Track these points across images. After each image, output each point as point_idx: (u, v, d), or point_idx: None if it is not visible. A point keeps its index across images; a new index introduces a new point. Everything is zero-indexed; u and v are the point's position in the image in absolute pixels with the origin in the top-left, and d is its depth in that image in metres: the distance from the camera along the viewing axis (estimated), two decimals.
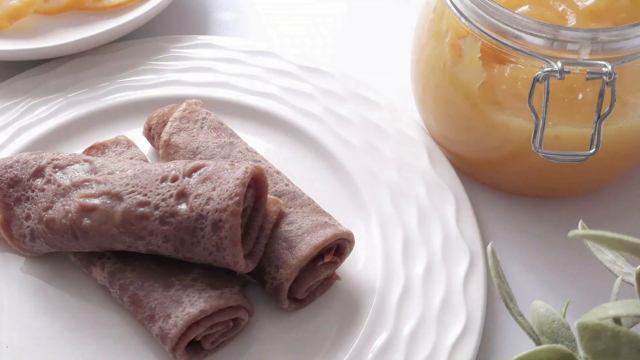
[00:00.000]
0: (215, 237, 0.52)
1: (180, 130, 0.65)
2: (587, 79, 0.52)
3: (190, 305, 0.53)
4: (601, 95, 0.51)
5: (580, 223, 0.49)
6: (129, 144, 0.66)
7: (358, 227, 0.63)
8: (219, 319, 0.53)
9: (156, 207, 0.54)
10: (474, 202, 0.65)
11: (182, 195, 0.54)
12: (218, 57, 0.76)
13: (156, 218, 0.53)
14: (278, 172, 0.63)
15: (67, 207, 0.56)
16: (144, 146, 0.68)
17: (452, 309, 0.57)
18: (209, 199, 0.52)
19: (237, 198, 0.52)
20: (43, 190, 0.58)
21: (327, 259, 0.56)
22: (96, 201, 0.55)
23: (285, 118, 0.71)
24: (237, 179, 0.53)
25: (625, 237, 0.38)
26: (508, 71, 0.57)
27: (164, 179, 0.55)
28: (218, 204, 0.52)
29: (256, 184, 0.55)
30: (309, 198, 0.61)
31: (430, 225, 0.63)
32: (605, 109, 0.52)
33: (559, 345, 0.41)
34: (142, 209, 0.54)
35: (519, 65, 0.57)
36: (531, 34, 0.53)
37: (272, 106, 0.72)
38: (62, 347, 0.56)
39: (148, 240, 0.54)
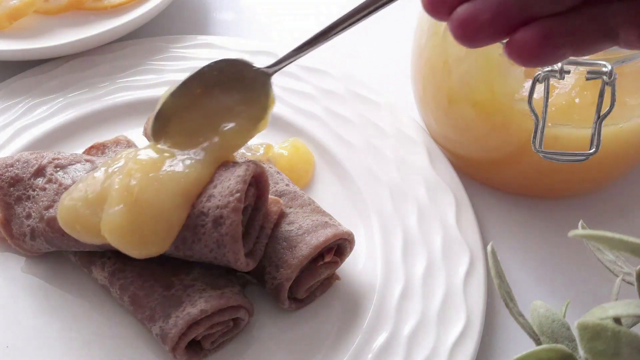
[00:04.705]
0: (216, 234, 0.52)
1: None
2: (587, 79, 0.52)
3: (190, 305, 0.53)
4: (601, 95, 0.51)
5: (580, 223, 0.49)
6: (129, 144, 0.65)
7: (358, 227, 0.63)
8: (219, 319, 0.53)
9: None
10: (474, 202, 0.65)
11: None
12: (218, 57, 0.76)
13: None
14: (278, 172, 0.63)
15: None
16: None
17: (452, 309, 0.57)
18: (210, 195, 0.52)
19: (238, 195, 0.52)
20: (44, 189, 0.58)
21: (327, 259, 0.56)
22: None
23: (285, 118, 0.71)
24: (238, 176, 0.53)
25: (625, 237, 0.38)
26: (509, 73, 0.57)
27: None
28: (219, 200, 0.52)
29: (257, 183, 0.55)
30: (309, 198, 0.61)
31: (430, 225, 0.63)
32: (605, 109, 0.51)
33: (559, 345, 0.41)
34: None
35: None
36: None
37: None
38: (62, 347, 0.56)
39: None
